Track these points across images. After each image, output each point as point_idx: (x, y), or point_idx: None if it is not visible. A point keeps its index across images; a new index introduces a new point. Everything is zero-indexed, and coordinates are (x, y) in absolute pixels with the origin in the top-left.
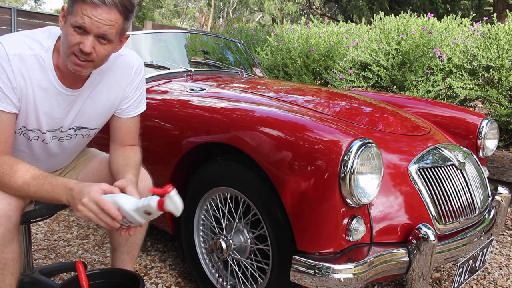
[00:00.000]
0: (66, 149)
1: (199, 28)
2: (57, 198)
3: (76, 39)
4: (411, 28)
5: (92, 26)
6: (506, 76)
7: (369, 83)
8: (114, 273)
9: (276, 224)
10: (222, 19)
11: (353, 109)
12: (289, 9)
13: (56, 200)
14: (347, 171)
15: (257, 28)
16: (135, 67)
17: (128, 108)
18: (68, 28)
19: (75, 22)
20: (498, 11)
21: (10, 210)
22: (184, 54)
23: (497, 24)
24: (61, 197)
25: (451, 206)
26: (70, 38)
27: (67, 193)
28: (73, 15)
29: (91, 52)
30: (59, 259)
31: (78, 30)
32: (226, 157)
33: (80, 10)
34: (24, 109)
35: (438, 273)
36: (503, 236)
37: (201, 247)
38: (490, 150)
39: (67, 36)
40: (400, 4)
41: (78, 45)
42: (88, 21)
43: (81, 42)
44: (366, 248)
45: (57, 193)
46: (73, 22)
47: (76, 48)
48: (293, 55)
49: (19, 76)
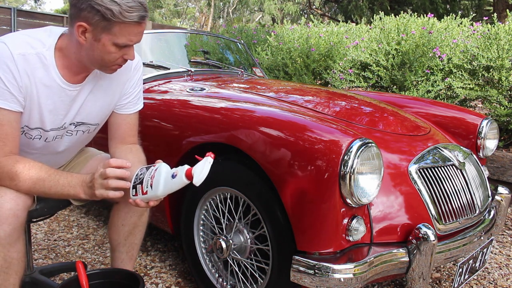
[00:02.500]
0: (66, 146)
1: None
2: (73, 193)
3: (119, 54)
4: (411, 28)
5: (137, 41)
6: (506, 76)
7: (369, 83)
8: (114, 273)
9: (276, 224)
10: (222, 19)
11: (353, 109)
12: (289, 9)
13: (72, 195)
14: (347, 171)
15: (257, 28)
16: (134, 63)
17: (127, 104)
18: (108, 46)
19: (122, 44)
20: (498, 11)
21: (18, 210)
22: (184, 54)
23: (497, 24)
24: (77, 191)
25: (451, 206)
26: (113, 56)
27: (83, 186)
28: (114, 35)
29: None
30: (59, 259)
31: (120, 47)
32: (226, 157)
33: (126, 32)
34: (28, 108)
35: (438, 273)
36: (503, 236)
37: (201, 247)
38: (490, 150)
39: (106, 53)
40: (400, 4)
41: (122, 57)
42: (135, 39)
43: (124, 54)
44: (366, 248)
45: (73, 188)
46: (118, 42)
47: (120, 61)
48: (293, 55)
49: (24, 75)
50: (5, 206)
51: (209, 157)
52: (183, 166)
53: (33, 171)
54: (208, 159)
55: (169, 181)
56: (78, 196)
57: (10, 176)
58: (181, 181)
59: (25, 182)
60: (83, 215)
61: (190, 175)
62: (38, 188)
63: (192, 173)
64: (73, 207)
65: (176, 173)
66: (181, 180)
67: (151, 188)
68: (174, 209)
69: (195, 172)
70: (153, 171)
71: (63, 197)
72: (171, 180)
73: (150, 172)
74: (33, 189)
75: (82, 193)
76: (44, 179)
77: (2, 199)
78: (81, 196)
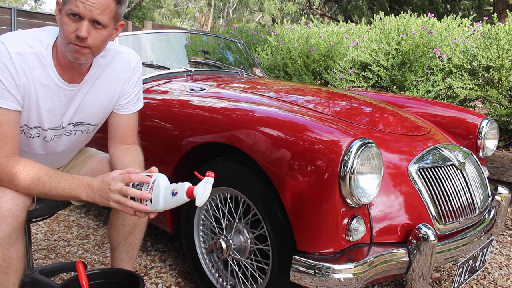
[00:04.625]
0: (65, 146)
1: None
2: (74, 195)
3: (72, 27)
4: (411, 28)
5: (85, 10)
6: (506, 76)
7: (369, 83)
8: (114, 273)
9: (276, 224)
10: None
11: (353, 109)
12: (289, 9)
13: (73, 197)
14: (347, 171)
15: (257, 28)
16: (134, 63)
17: (126, 104)
18: (64, 17)
19: (70, 10)
20: (498, 11)
21: (17, 210)
22: (184, 54)
23: (497, 24)
24: (79, 194)
25: (451, 206)
26: (67, 27)
27: (86, 189)
28: (67, 3)
29: (86, 36)
30: (59, 259)
31: (73, 18)
32: (226, 157)
33: None
34: (27, 107)
35: (438, 273)
36: (503, 236)
37: (201, 247)
38: (490, 150)
39: (63, 25)
40: (400, 4)
41: (75, 33)
42: (82, 6)
43: (77, 28)
44: (366, 248)
45: (74, 190)
46: (67, 10)
47: (73, 36)
48: (293, 55)
49: (21, 74)
50: (4, 206)
51: (209, 178)
52: (183, 183)
53: (33, 171)
54: (209, 179)
55: (169, 198)
56: (79, 198)
57: (10, 177)
58: (182, 199)
59: (25, 182)
60: (83, 215)
61: (192, 195)
62: (38, 189)
63: (194, 194)
64: (73, 207)
65: (177, 191)
66: (182, 199)
67: (151, 202)
68: (174, 209)
69: (197, 193)
70: (150, 184)
71: (64, 198)
72: (171, 197)
73: (148, 185)
74: (33, 190)
75: (83, 196)
76: (44, 180)
77: (1, 199)
78: (82, 198)
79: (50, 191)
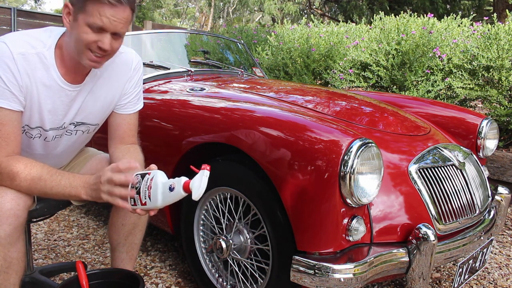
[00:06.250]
0: (65, 146)
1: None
2: (75, 193)
3: (93, 38)
4: (411, 28)
5: (110, 25)
6: (506, 76)
7: (369, 83)
8: (114, 273)
9: (276, 224)
10: (222, 19)
11: (353, 109)
12: (289, 9)
13: (73, 195)
14: (347, 171)
15: (257, 28)
16: (134, 63)
17: (127, 105)
18: (83, 27)
19: (93, 24)
20: (498, 11)
21: (18, 210)
22: (184, 54)
23: (497, 24)
24: (79, 192)
25: (451, 206)
26: (86, 37)
27: (85, 187)
28: (87, 14)
29: (110, 49)
30: (59, 259)
31: (94, 29)
32: (226, 157)
33: (97, 11)
34: (29, 107)
35: (438, 273)
36: (503, 236)
37: (201, 247)
38: (490, 150)
39: (81, 34)
40: (400, 4)
41: (96, 43)
42: (107, 22)
43: (99, 40)
44: (366, 248)
45: (75, 188)
46: (90, 22)
47: (93, 46)
48: (293, 55)
49: (24, 74)
50: (5, 206)
51: (205, 170)
52: (179, 178)
53: (34, 171)
54: (204, 172)
55: (167, 193)
56: (79, 197)
57: (11, 176)
58: (179, 194)
59: (26, 182)
60: (83, 215)
61: (188, 189)
62: (39, 188)
63: (190, 187)
64: (73, 207)
65: (174, 186)
66: (179, 193)
67: (150, 199)
68: (174, 209)
69: (193, 187)
70: (148, 181)
71: (64, 197)
72: (169, 193)
73: (146, 181)
74: (34, 189)
75: (83, 194)
76: (45, 179)
77: (3, 199)
78: (82, 197)
79: (51, 189)
